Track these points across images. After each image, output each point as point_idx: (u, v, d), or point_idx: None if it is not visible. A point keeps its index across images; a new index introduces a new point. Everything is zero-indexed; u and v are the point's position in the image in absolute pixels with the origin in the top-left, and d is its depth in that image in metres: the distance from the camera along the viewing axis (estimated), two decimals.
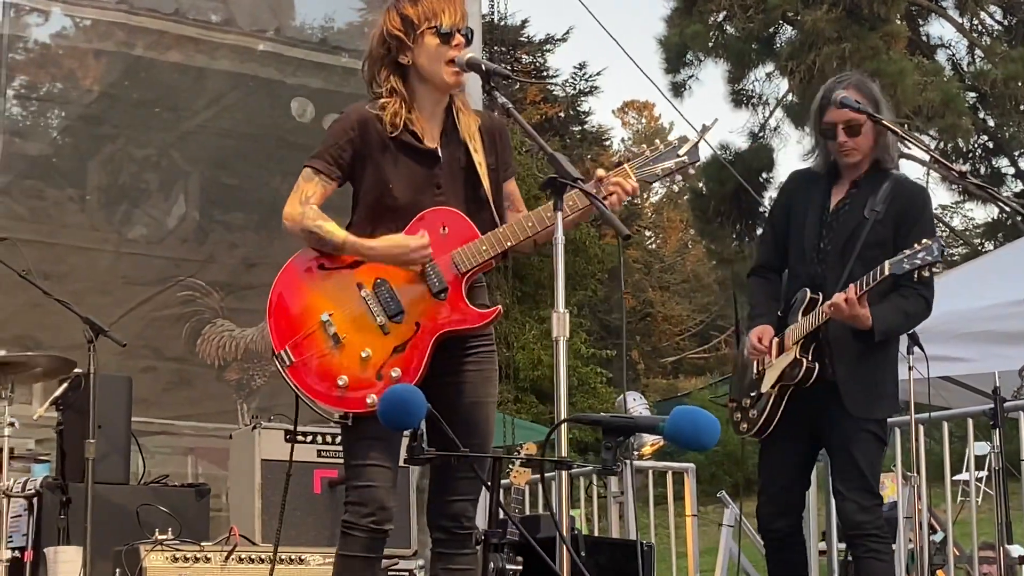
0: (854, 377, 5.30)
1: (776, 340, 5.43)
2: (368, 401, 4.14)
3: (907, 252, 5.08)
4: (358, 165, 4.33)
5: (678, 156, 4.35)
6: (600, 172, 4.24)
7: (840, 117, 5.37)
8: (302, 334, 4.23)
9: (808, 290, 5.37)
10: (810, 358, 5.33)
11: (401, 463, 4.11)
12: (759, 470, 5.61)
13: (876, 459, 5.38)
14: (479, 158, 4.38)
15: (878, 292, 5.22)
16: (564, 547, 3.36)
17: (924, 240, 5.11)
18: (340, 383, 4.17)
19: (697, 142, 4.37)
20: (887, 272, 5.09)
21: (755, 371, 5.54)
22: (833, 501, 6.61)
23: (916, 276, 5.12)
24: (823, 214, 5.46)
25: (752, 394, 5.53)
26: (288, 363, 4.20)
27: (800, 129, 21.88)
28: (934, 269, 5.18)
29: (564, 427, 3.45)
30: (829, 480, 6.18)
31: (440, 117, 4.40)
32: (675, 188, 41.59)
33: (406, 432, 3.26)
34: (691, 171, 4.39)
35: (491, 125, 4.49)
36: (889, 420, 8.63)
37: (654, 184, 4.52)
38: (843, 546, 6.85)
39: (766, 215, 5.96)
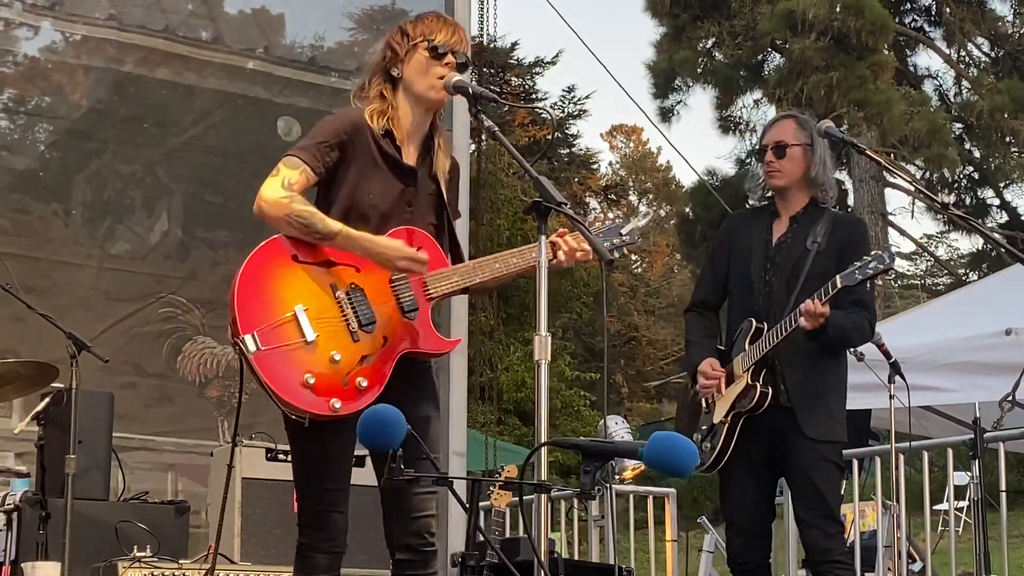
0: (808, 400, 5.32)
1: (723, 372, 5.47)
2: (333, 406, 4.06)
3: (857, 264, 5.13)
4: (341, 167, 4.32)
5: (621, 235, 4.53)
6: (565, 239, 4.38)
7: (771, 139, 5.48)
8: (273, 322, 4.08)
9: (752, 320, 5.41)
10: (762, 383, 5.35)
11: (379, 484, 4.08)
12: (722, 505, 5.64)
13: (836, 486, 5.42)
14: (447, 195, 4.48)
15: None
16: (542, 571, 3.36)
17: (873, 251, 5.17)
18: (307, 380, 4.05)
19: (636, 226, 4.58)
20: (839, 285, 5.13)
21: (705, 406, 5.57)
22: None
23: (862, 291, 5.16)
24: (767, 248, 5.52)
25: (703, 428, 5.55)
26: (253, 349, 4.03)
27: None
28: (887, 279, 5.22)
29: (544, 450, 3.45)
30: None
31: (419, 141, 4.45)
32: (661, 212, 41.72)
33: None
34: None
35: (451, 165, 4.58)
36: (868, 449, 8.70)
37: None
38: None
39: (706, 254, 6.03)
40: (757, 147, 5.63)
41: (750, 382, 5.35)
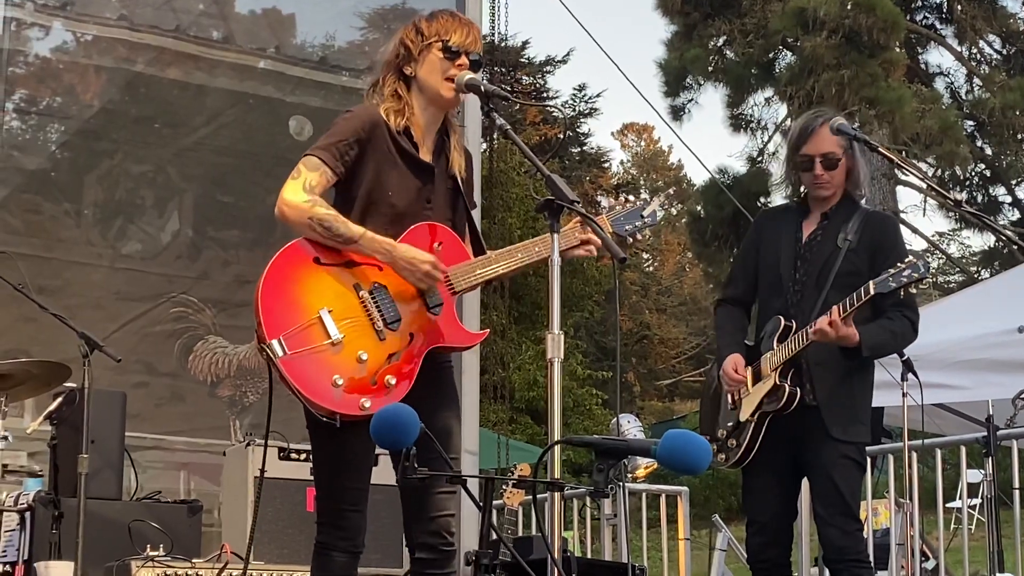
0: (835, 401, 5.30)
1: (750, 369, 5.44)
2: (363, 405, 4.05)
3: (891, 271, 5.08)
4: (360, 165, 4.31)
5: (643, 217, 4.61)
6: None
7: (818, 150, 5.39)
8: (298, 326, 4.07)
9: (781, 318, 5.38)
10: (790, 383, 5.32)
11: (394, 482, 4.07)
12: (744, 501, 5.61)
13: (856, 484, 5.38)
14: (464, 188, 4.50)
15: (862, 318, 5.23)
16: (556, 570, 3.35)
17: (908, 259, 5.13)
18: (335, 381, 4.05)
19: (658, 207, 4.67)
20: (872, 292, 5.08)
21: (731, 402, 5.54)
22: None
23: (902, 294, 5.11)
24: (797, 246, 5.48)
25: (729, 424, 5.53)
26: (281, 354, 4.02)
27: None
28: (920, 286, 5.17)
29: (557, 448, 3.44)
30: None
31: (433, 138, 4.45)
32: (673, 211, 41.70)
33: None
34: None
35: (466, 157, 4.60)
36: (882, 447, 8.68)
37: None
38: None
39: (736, 251, 5.99)
40: (794, 155, 5.51)
41: (778, 382, 5.33)
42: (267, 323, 4.04)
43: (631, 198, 4.70)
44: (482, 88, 4.25)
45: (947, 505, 9.09)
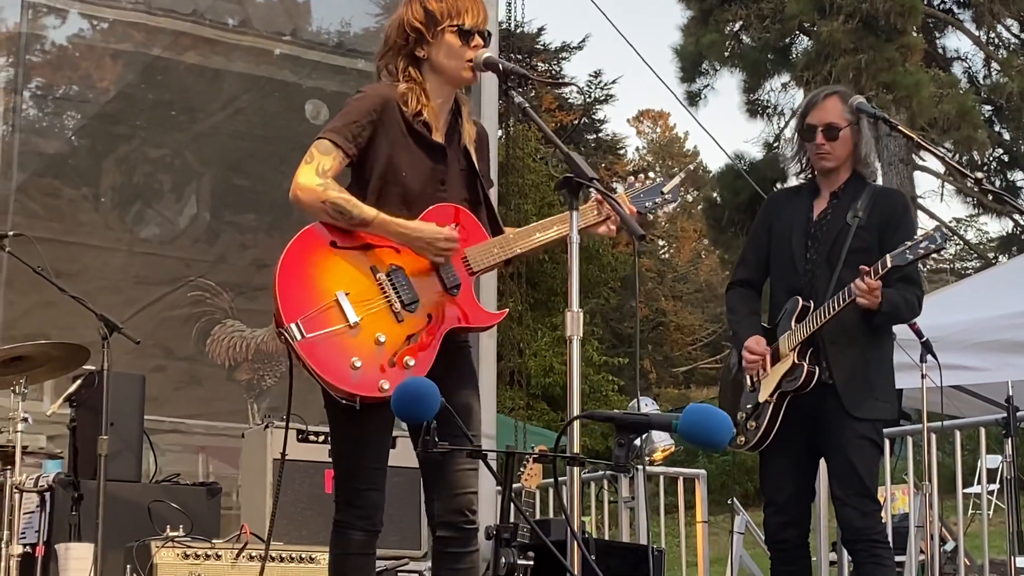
0: (851, 378, 5.29)
1: (769, 350, 5.44)
2: (382, 387, 4.05)
3: (908, 243, 5.08)
4: (373, 146, 4.29)
5: (663, 193, 4.56)
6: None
7: (821, 120, 5.40)
8: (316, 309, 4.08)
9: (799, 298, 5.38)
10: (808, 362, 5.32)
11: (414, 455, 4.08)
12: (761, 483, 5.60)
13: (874, 465, 5.37)
14: (478, 165, 4.45)
15: None
16: (576, 544, 3.35)
17: (926, 231, 5.13)
18: (354, 363, 4.05)
19: (679, 183, 4.61)
20: (889, 264, 5.08)
21: (750, 384, 5.53)
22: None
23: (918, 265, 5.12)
24: (807, 225, 5.48)
25: (748, 406, 5.51)
26: (299, 338, 4.02)
27: None
28: (937, 259, 5.17)
29: (577, 425, 3.43)
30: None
31: (446, 116, 4.42)
32: (689, 198, 41.62)
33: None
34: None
35: (480, 133, 4.56)
36: (900, 429, 8.66)
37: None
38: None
39: (747, 234, 5.98)
40: (801, 126, 5.52)
41: (797, 361, 5.32)
42: (285, 307, 4.05)
43: (651, 175, 4.66)
44: (501, 67, 4.22)
45: (965, 491, 9.07)
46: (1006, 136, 23.97)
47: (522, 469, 6.83)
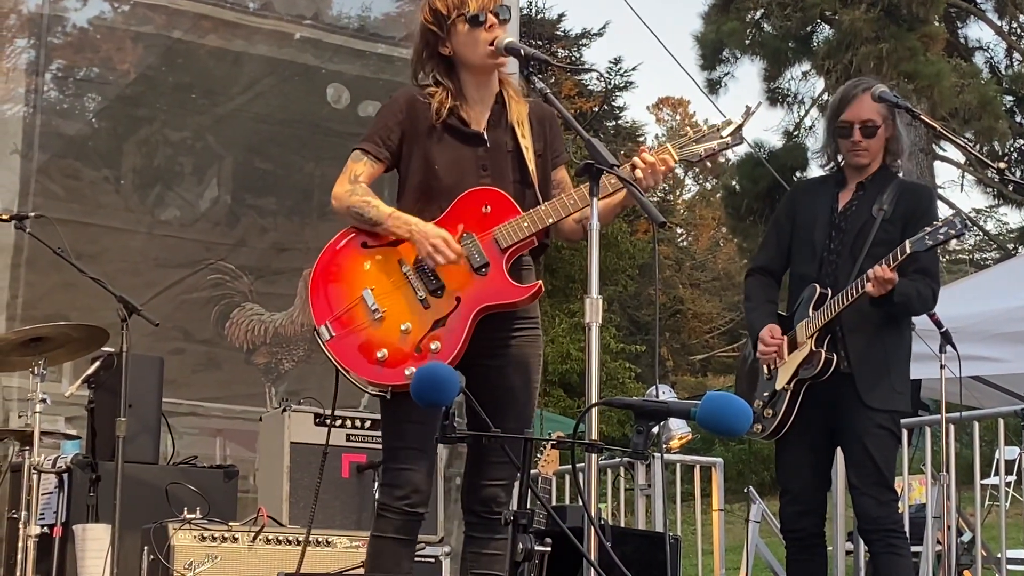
0: (868, 368, 5.28)
1: (785, 338, 5.42)
2: (407, 373, 4.14)
3: (928, 229, 5.07)
4: (406, 147, 4.39)
5: (721, 137, 4.39)
6: (643, 157, 4.24)
7: (857, 117, 5.37)
8: (342, 309, 4.27)
9: (817, 285, 5.37)
10: (826, 350, 5.31)
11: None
12: (777, 472, 5.60)
13: (890, 454, 5.37)
14: (526, 143, 4.42)
15: None
16: (593, 530, 3.35)
17: (945, 217, 5.11)
18: (379, 355, 4.20)
19: (741, 125, 4.42)
20: (908, 250, 5.07)
21: (767, 372, 5.52)
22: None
23: (936, 253, 5.10)
24: (832, 216, 5.46)
25: (765, 395, 5.51)
26: (328, 337, 4.24)
27: None
28: (957, 245, 5.17)
29: (595, 412, 3.43)
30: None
31: (488, 103, 4.45)
32: (707, 186, 41.56)
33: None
34: (730, 155, 4.44)
35: (541, 113, 4.53)
36: (918, 420, 8.65)
37: (694, 166, 4.58)
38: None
39: (770, 220, 5.97)
40: (835, 121, 5.48)
41: (814, 348, 5.31)
42: (316, 309, 4.30)
43: (701, 124, 4.54)
44: (522, 52, 4.26)
45: (983, 482, 9.04)
46: None
47: (539, 455, 6.83)
